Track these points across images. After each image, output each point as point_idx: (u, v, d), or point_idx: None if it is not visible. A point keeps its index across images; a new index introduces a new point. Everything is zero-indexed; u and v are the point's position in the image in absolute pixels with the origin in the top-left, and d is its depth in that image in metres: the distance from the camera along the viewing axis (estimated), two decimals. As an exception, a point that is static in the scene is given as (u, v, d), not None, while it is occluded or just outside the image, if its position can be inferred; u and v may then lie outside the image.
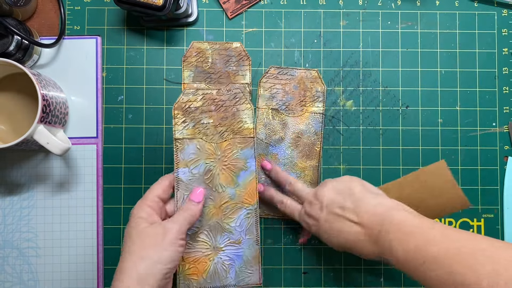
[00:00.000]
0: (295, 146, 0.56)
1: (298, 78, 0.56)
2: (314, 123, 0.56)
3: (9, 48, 0.52)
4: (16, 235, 0.55)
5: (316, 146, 0.56)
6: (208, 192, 0.47)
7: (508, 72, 0.58)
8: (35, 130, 0.47)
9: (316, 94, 0.56)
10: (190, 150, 0.47)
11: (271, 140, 0.56)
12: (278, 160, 0.55)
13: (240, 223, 0.48)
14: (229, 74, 0.56)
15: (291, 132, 0.56)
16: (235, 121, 0.48)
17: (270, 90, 0.56)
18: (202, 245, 0.47)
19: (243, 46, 0.56)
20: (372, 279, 0.56)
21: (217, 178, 0.47)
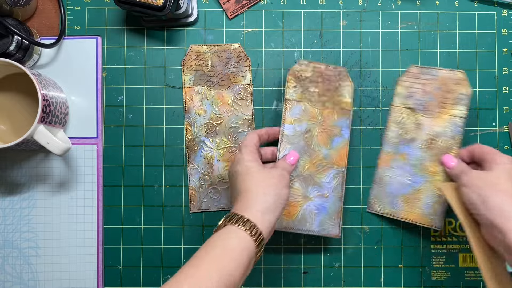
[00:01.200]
0: (428, 149, 0.54)
1: (441, 79, 0.54)
2: (452, 127, 0.53)
3: (9, 48, 0.52)
4: (16, 235, 0.55)
5: (452, 151, 0.52)
6: (305, 148, 0.53)
7: (508, 72, 0.58)
8: (35, 130, 0.47)
9: (459, 97, 0.53)
10: (296, 110, 0.54)
11: (403, 139, 0.54)
12: (407, 160, 0.54)
13: (329, 180, 0.54)
14: (229, 75, 0.56)
15: (425, 134, 0.54)
16: (336, 94, 0.54)
17: (409, 88, 0.55)
18: (295, 192, 0.53)
19: (241, 47, 0.56)
20: (372, 279, 0.56)
21: (315, 138, 0.54)
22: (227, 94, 0.56)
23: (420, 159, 0.54)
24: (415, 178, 0.54)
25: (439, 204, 0.53)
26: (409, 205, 0.54)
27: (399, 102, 0.55)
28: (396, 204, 0.55)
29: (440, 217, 0.53)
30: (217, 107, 0.56)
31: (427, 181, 0.53)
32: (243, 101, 0.56)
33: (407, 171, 0.54)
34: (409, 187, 0.54)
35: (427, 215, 0.53)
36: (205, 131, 0.56)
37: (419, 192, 0.54)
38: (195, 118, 0.56)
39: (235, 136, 0.56)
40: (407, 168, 0.54)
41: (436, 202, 0.53)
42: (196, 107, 0.56)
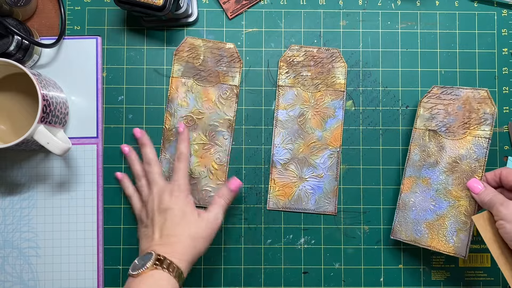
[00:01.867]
0: (451, 172, 0.52)
1: (464, 98, 0.52)
2: (476, 148, 0.52)
3: (9, 48, 0.52)
4: (16, 235, 0.55)
5: (476, 174, 0.51)
6: (299, 132, 0.55)
7: (508, 72, 0.58)
8: (35, 130, 0.47)
9: (484, 117, 0.52)
10: (289, 96, 0.56)
11: (425, 163, 0.53)
12: (430, 184, 0.53)
13: (324, 161, 0.56)
14: (218, 73, 0.56)
15: (448, 156, 0.52)
16: (329, 76, 0.55)
17: (431, 110, 0.53)
18: (291, 174, 0.56)
19: (236, 48, 0.56)
20: (372, 279, 0.56)
21: (309, 121, 0.56)
22: (213, 91, 0.56)
23: (443, 183, 0.53)
24: (438, 203, 0.53)
25: (464, 231, 0.52)
26: (433, 232, 0.53)
27: (421, 125, 0.54)
28: (420, 231, 0.53)
29: (465, 245, 0.51)
30: (201, 102, 0.56)
31: (451, 206, 0.52)
32: (228, 101, 0.56)
33: (430, 196, 0.53)
34: (433, 213, 0.53)
35: (451, 243, 0.52)
36: (184, 123, 0.56)
37: (443, 218, 0.52)
38: (176, 109, 0.56)
39: (213, 134, 0.56)
40: (431, 193, 0.53)
41: (461, 229, 0.52)
42: (179, 98, 0.56)
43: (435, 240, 0.52)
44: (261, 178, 0.57)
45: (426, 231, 0.53)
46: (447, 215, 0.52)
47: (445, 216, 0.52)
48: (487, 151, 0.51)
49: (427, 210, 0.53)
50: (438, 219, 0.52)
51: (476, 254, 0.57)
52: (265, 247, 0.56)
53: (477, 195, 0.49)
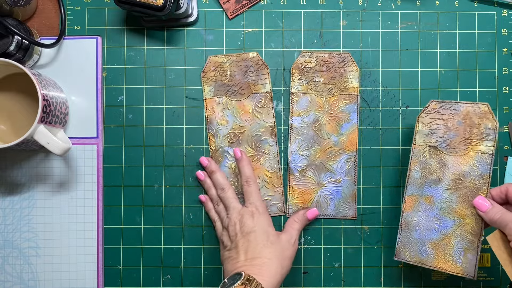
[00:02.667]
0: (455, 189, 0.50)
1: (464, 113, 0.51)
2: (480, 165, 0.50)
3: (10, 48, 0.52)
4: (16, 235, 0.55)
5: (481, 191, 0.50)
6: (315, 138, 0.55)
7: (508, 72, 0.58)
8: (36, 130, 0.47)
9: (486, 132, 0.50)
10: (303, 102, 0.56)
11: (427, 180, 0.51)
12: (433, 203, 0.51)
13: (341, 165, 0.56)
14: (249, 84, 0.56)
15: (451, 173, 0.51)
16: (342, 80, 0.55)
17: (430, 126, 0.51)
18: (309, 180, 0.56)
19: (259, 56, 0.57)
20: (372, 279, 0.56)
21: (324, 127, 0.56)
22: (248, 102, 0.56)
23: (447, 201, 0.51)
24: (443, 222, 0.51)
25: (472, 250, 0.50)
26: (439, 252, 0.51)
27: (421, 141, 0.52)
28: (425, 251, 0.51)
29: (473, 265, 0.50)
30: (239, 117, 0.56)
31: (457, 225, 0.50)
32: (264, 108, 0.56)
33: (434, 215, 0.51)
34: (437, 232, 0.51)
35: (459, 263, 0.50)
36: (228, 141, 0.56)
37: (449, 237, 0.51)
38: (217, 129, 0.56)
39: (258, 144, 0.56)
40: (434, 212, 0.51)
41: (468, 248, 0.50)
42: (218, 118, 0.56)
43: (442, 260, 0.51)
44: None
45: (432, 251, 0.51)
46: (452, 234, 0.50)
47: (451, 235, 0.51)
48: (491, 167, 0.50)
49: (432, 230, 0.51)
50: (443, 239, 0.51)
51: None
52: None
53: (485, 213, 0.48)
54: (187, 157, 0.57)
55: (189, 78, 0.57)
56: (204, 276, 0.56)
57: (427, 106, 0.52)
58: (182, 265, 0.56)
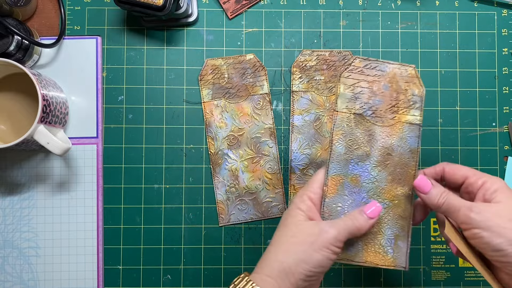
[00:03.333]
0: (384, 166, 0.43)
1: (390, 76, 0.44)
2: (409, 137, 0.43)
3: (9, 48, 0.52)
4: (16, 235, 0.55)
5: (410, 168, 0.43)
6: (316, 136, 0.55)
7: (508, 72, 0.58)
8: (35, 130, 0.47)
9: (413, 99, 0.44)
10: (304, 101, 0.56)
11: (353, 155, 0.43)
12: (360, 184, 0.43)
13: None
14: (246, 86, 0.56)
15: (380, 147, 0.43)
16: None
17: (353, 88, 0.44)
18: (309, 179, 0.50)
19: (256, 57, 0.57)
20: (372, 279, 0.56)
21: (325, 125, 0.56)
22: (246, 105, 0.56)
23: (376, 181, 0.43)
24: None
25: (402, 237, 0.43)
26: (368, 243, 0.43)
27: (343, 106, 0.43)
28: (352, 245, 0.43)
29: (404, 253, 0.43)
30: (238, 119, 0.56)
31: (386, 209, 0.43)
32: (263, 110, 0.56)
33: (361, 198, 0.43)
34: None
35: (390, 253, 0.43)
36: (227, 143, 0.56)
37: (378, 224, 0.43)
38: (216, 132, 0.56)
39: (258, 146, 0.56)
40: (362, 195, 0.43)
41: (399, 234, 0.43)
42: (216, 121, 0.56)
43: (371, 253, 0.43)
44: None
45: (360, 243, 0.43)
46: (383, 219, 0.43)
47: (381, 221, 0.43)
48: (419, 140, 0.43)
49: None
50: (373, 227, 0.43)
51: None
52: (265, 247, 0.56)
53: (427, 196, 0.40)
54: (187, 157, 0.57)
55: (189, 78, 0.57)
56: (204, 276, 0.56)
57: (350, 64, 0.44)
58: (182, 265, 0.56)
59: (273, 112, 0.57)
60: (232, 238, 0.56)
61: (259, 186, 0.56)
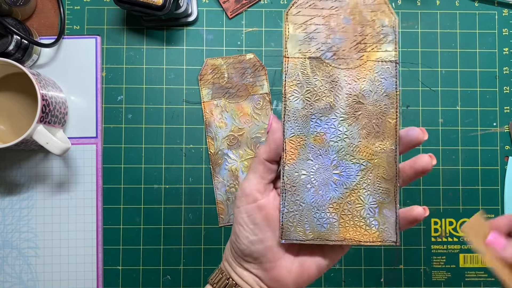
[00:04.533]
0: (355, 118, 0.35)
1: (351, 6, 0.36)
2: (383, 78, 0.35)
3: (9, 48, 0.51)
4: (16, 235, 0.55)
5: (388, 117, 0.35)
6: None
7: (508, 72, 0.57)
8: (35, 130, 0.47)
9: (383, 31, 0.35)
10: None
11: (313, 109, 0.35)
12: (327, 143, 0.35)
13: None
14: (246, 86, 0.56)
15: (346, 95, 0.35)
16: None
17: (305, 27, 0.36)
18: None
19: (256, 57, 0.56)
20: (373, 279, 0.56)
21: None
22: (246, 104, 0.56)
23: (346, 137, 0.35)
24: (345, 169, 0.35)
25: (388, 204, 0.35)
26: (345, 216, 0.35)
27: (295, 51, 0.35)
28: (325, 220, 0.35)
29: (392, 223, 0.34)
30: (238, 119, 0.56)
31: (364, 170, 0.35)
32: (263, 110, 0.56)
33: (330, 161, 0.35)
34: (339, 187, 0.35)
35: (374, 226, 0.35)
36: (227, 143, 0.56)
37: (355, 191, 0.35)
38: (216, 132, 0.56)
39: (258, 146, 0.56)
40: (330, 156, 0.35)
41: (383, 201, 0.35)
42: (216, 121, 0.56)
43: (351, 228, 0.35)
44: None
45: (335, 217, 0.35)
46: (360, 185, 0.35)
47: (358, 187, 0.35)
48: (397, 81, 0.35)
49: (330, 184, 0.35)
50: (348, 195, 0.35)
51: (477, 254, 0.57)
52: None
53: (504, 255, 0.33)
54: (187, 157, 0.57)
55: (188, 78, 0.57)
56: (204, 277, 0.56)
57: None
58: (182, 266, 0.56)
59: (273, 112, 0.57)
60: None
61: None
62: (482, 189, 0.57)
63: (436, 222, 0.57)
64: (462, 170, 0.57)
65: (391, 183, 0.35)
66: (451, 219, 0.57)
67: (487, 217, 0.43)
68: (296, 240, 0.35)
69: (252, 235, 0.34)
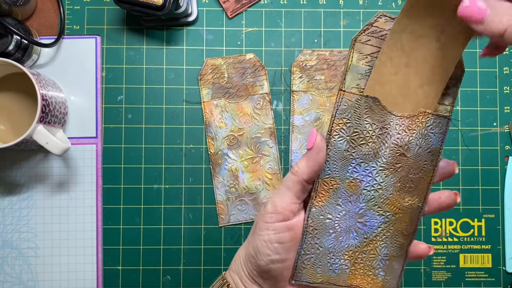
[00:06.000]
0: (394, 170, 0.32)
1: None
2: (432, 134, 0.32)
3: (9, 48, 0.51)
4: (16, 235, 0.55)
5: (425, 174, 0.32)
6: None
7: (509, 72, 0.57)
8: (35, 130, 0.47)
9: (450, 82, 0.32)
10: (304, 100, 0.56)
11: (356, 154, 0.32)
12: (359, 191, 0.33)
13: None
14: (246, 86, 0.56)
15: (393, 145, 0.32)
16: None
17: (371, 60, 0.32)
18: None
19: (256, 57, 0.56)
20: (373, 279, 0.56)
21: (325, 125, 0.55)
22: (246, 104, 0.56)
23: (380, 188, 0.33)
24: (370, 220, 0.33)
25: (398, 257, 0.34)
26: (357, 265, 0.34)
27: (354, 85, 0.32)
28: (338, 266, 0.34)
29: (397, 276, 0.35)
30: (238, 119, 0.56)
31: (387, 223, 0.33)
32: (263, 110, 0.56)
33: (358, 209, 0.33)
34: (360, 236, 0.34)
35: (380, 276, 0.35)
36: (227, 143, 0.56)
37: (374, 242, 0.34)
38: (216, 132, 0.56)
39: (258, 146, 0.56)
40: (360, 204, 0.33)
41: (395, 254, 0.34)
42: (216, 121, 0.56)
43: (359, 276, 0.34)
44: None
45: (347, 264, 0.34)
46: (380, 236, 0.34)
47: (377, 238, 0.34)
48: (444, 138, 0.33)
49: (352, 232, 0.34)
50: (366, 244, 0.34)
51: (477, 254, 0.57)
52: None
53: (484, 27, 0.25)
54: (187, 157, 0.57)
55: (188, 77, 0.57)
56: (203, 277, 0.56)
57: (372, 24, 0.33)
58: (182, 266, 0.56)
59: (273, 112, 0.57)
60: (232, 239, 0.56)
61: (259, 186, 0.56)
62: (482, 189, 0.57)
63: (436, 222, 0.57)
64: (462, 170, 0.57)
65: (408, 238, 0.34)
66: (451, 219, 0.57)
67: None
68: (306, 282, 0.34)
69: (274, 254, 0.33)
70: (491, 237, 0.56)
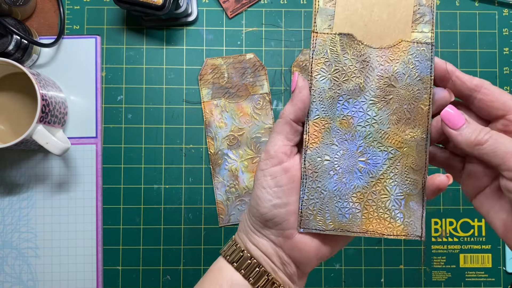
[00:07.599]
0: (385, 103, 0.33)
1: None
2: (417, 61, 0.32)
3: (8, 48, 0.51)
4: (15, 235, 0.55)
5: (421, 103, 0.32)
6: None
7: (509, 72, 0.57)
8: (34, 130, 0.47)
9: (419, 10, 0.33)
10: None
11: (341, 90, 0.33)
12: (353, 128, 0.33)
13: None
14: (246, 86, 0.56)
15: (377, 77, 0.33)
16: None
17: (336, 1, 0.33)
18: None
19: (256, 57, 0.56)
20: (373, 279, 0.56)
21: None
22: (246, 104, 0.56)
23: (375, 122, 0.33)
24: (372, 157, 0.33)
25: (415, 196, 0.33)
26: (368, 207, 0.33)
27: (325, 26, 0.33)
28: (348, 210, 0.33)
29: (419, 217, 0.33)
30: (238, 119, 0.56)
31: (392, 159, 0.33)
32: (263, 110, 0.56)
33: (356, 147, 0.33)
34: (364, 175, 0.33)
35: (399, 219, 0.33)
36: (227, 143, 0.56)
37: (381, 180, 0.33)
38: (216, 132, 0.56)
39: (258, 146, 0.56)
40: (357, 142, 0.33)
41: (410, 193, 0.33)
42: (216, 121, 0.56)
43: (374, 219, 0.33)
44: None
45: (358, 207, 0.33)
46: (387, 174, 0.33)
47: (385, 176, 0.33)
48: (432, 64, 0.32)
49: (354, 172, 0.33)
50: (374, 184, 0.33)
51: (477, 254, 0.57)
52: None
53: (459, 132, 0.29)
54: (187, 157, 0.56)
55: (188, 77, 0.57)
56: (204, 277, 0.56)
57: None
58: (182, 266, 0.56)
59: (273, 112, 0.57)
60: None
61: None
62: (483, 189, 0.57)
63: (436, 222, 0.57)
64: (463, 170, 0.57)
65: (420, 174, 0.33)
66: (451, 219, 0.57)
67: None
68: (316, 229, 0.33)
69: (275, 198, 0.32)
70: (491, 237, 0.56)
